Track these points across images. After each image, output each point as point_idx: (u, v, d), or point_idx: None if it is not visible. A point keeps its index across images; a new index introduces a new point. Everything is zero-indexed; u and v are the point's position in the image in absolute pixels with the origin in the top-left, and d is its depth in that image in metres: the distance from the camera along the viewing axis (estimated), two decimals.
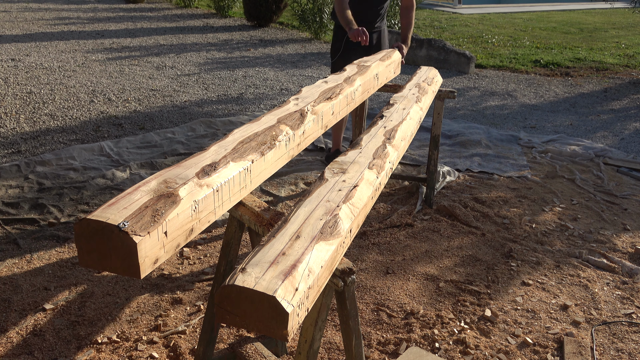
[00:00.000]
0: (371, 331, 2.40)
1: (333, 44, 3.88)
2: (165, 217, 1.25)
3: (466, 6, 15.60)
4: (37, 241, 2.96)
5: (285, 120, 1.96)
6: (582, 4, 17.77)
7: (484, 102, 6.26)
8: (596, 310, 2.62)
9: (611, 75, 7.86)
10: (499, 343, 2.37)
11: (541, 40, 10.32)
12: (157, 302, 2.52)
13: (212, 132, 4.73)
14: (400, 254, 3.02)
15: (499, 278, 2.83)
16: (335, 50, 3.86)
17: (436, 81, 3.23)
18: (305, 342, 1.52)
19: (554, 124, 5.55)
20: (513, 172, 4.22)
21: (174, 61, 7.34)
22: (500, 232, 3.30)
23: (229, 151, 1.65)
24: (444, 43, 7.88)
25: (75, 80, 6.10)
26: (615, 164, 4.47)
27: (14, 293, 2.53)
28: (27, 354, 2.16)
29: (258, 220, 1.69)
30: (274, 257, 1.22)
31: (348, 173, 1.74)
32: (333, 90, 2.39)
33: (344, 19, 3.45)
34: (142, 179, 2.47)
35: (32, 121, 4.78)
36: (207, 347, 2.00)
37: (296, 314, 1.12)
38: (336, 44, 3.83)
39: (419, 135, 4.86)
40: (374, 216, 3.45)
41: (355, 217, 1.53)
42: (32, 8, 10.91)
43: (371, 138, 2.08)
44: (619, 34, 11.76)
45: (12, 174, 3.71)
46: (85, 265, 1.22)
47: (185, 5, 12.44)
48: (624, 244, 3.24)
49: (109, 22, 9.87)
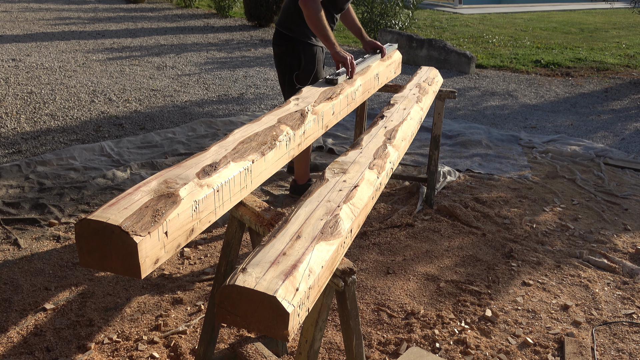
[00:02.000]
0: (372, 331, 2.40)
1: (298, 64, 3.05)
2: (166, 217, 1.25)
3: (467, 6, 15.60)
4: (37, 241, 2.96)
5: (286, 120, 1.96)
6: (582, 4, 17.77)
7: (485, 102, 6.26)
8: (597, 311, 2.62)
9: (612, 75, 7.86)
10: (499, 343, 2.36)
11: (542, 41, 10.31)
12: (158, 302, 2.52)
13: (213, 132, 4.73)
14: (401, 254, 3.02)
15: (500, 278, 2.83)
16: (307, 72, 3.06)
17: (437, 81, 3.23)
18: (305, 342, 1.52)
19: (554, 124, 5.55)
20: (513, 172, 4.22)
21: (175, 61, 7.34)
22: (500, 232, 3.30)
23: (229, 151, 1.65)
24: (445, 43, 7.88)
25: (75, 80, 6.10)
26: (615, 164, 4.47)
27: (15, 293, 2.53)
28: (27, 353, 2.16)
29: (259, 220, 1.68)
30: (274, 257, 1.22)
31: (349, 173, 1.74)
32: (333, 90, 2.40)
33: (328, 31, 2.76)
34: (143, 179, 2.47)
35: (33, 121, 4.78)
36: (207, 347, 2.00)
37: (297, 314, 1.12)
38: (308, 65, 3.06)
39: (419, 135, 4.86)
40: (374, 216, 3.45)
41: (356, 217, 1.53)
42: (33, 8, 10.92)
43: (372, 138, 2.08)
44: (619, 34, 11.76)
45: (12, 173, 3.71)
46: (86, 265, 1.22)
47: (185, 5, 12.44)
48: (625, 244, 3.24)
49: (110, 22, 9.87)
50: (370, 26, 8.63)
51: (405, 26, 8.83)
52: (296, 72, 3.06)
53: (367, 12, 8.60)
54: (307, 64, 3.05)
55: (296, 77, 3.08)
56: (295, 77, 3.08)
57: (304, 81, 3.08)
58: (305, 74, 3.06)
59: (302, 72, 3.05)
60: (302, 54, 3.03)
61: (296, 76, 3.07)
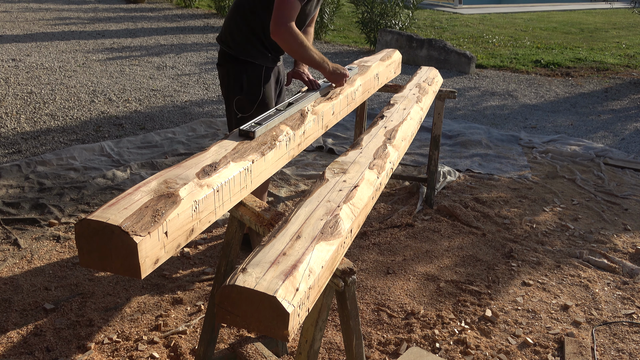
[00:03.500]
0: (372, 331, 2.40)
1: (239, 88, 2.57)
2: (166, 218, 1.25)
3: (467, 6, 15.60)
4: (37, 241, 2.96)
5: (286, 120, 1.96)
6: (582, 4, 17.77)
7: (485, 102, 6.26)
8: (597, 311, 2.62)
9: (612, 75, 7.86)
10: (499, 343, 2.36)
11: (542, 41, 10.31)
12: (158, 302, 2.52)
13: (213, 132, 4.73)
14: (401, 254, 3.01)
15: (500, 278, 2.83)
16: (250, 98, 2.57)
17: (437, 81, 3.23)
18: (305, 342, 1.52)
19: (554, 124, 5.55)
20: (513, 172, 4.22)
21: (175, 61, 7.34)
22: (500, 232, 3.30)
23: (229, 151, 1.65)
24: (445, 43, 7.88)
25: (75, 80, 6.10)
26: (615, 164, 4.47)
27: (15, 293, 2.53)
28: (27, 353, 2.16)
29: (258, 221, 1.68)
30: (274, 257, 1.22)
31: (349, 173, 1.74)
32: (333, 91, 2.40)
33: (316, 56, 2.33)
34: (143, 179, 2.46)
35: (33, 121, 4.78)
36: (207, 347, 2.00)
37: (297, 314, 1.12)
38: (252, 89, 2.57)
39: (419, 135, 4.86)
40: (374, 216, 3.45)
41: (356, 217, 1.52)
42: (33, 8, 10.91)
43: (372, 138, 2.08)
44: (619, 34, 11.76)
45: (12, 173, 3.71)
46: (86, 266, 1.22)
47: (185, 5, 12.44)
48: (625, 244, 3.24)
49: (110, 22, 9.87)
50: (370, 26, 8.63)
51: (405, 26, 8.82)
52: (237, 96, 2.58)
53: (367, 12, 8.59)
54: (249, 88, 2.56)
55: (236, 103, 2.59)
56: (236, 104, 2.59)
57: (246, 108, 2.58)
58: (248, 101, 2.57)
59: (244, 98, 2.57)
60: (243, 76, 2.56)
61: (237, 102, 2.59)
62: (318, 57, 2.33)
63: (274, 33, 2.25)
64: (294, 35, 2.26)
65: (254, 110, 2.56)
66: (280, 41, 2.27)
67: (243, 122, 2.50)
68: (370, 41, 8.79)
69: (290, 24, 2.24)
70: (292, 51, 2.31)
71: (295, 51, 2.30)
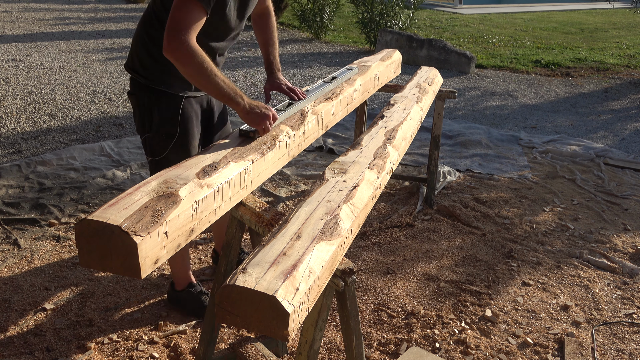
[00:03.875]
0: (372, 331, 2.40)
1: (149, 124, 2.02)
2: (166, 218, 1.25)
3: (467, 6, 15.60)
4: (37, 241, 2.96)
5: (286, 120, 1.96)
6: (582, 4, 17.77)
7: (485, 102, 6.26)
8: (597, 311, 2.62)
9: (612, 75, 7.86)
10: (499, 343, 2.36)
11: (542, 41, 10.31)
12: (158, 302, 2.52)
13: None
14: (401, 254, 3.01)
15: (500, 278, 2.83)
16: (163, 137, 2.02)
17: (437, 81, 3.23)
18: (305, 342, 1.52)
19: (554, 124, 5.55)
20: (513, 172, 4.22)
21: None
22: (500, 232, 3.30)
23: (229, 151, 1.65)
24: (445, 43, 7.88)
25: (75, 80, 6.10)
26: (615, 164, 4.47)
27: (15, 293, 2.53)
28: (27, 353, 2.16)
29: (259, 221, 1.69)
30: (274, 257, 1.22)
31: (348, 173, 1.74)
32: (333, 91, 2.40)
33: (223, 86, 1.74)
34: (143, 179, 2.46)
35: (33, 121, 4.78)
36: (207, 347, 2.00)
37: (297, 314, 1.12)
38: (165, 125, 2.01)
39: (419, 135, 4.86)
40: (374, 216, 3.45)
41: (356, 217, 1.53)
42: (33, 8, 10.91)
43: (372, 138, 2.09)
44: (619, 34, 11.76)
45: (12, 173, 3.71)
46: (86, 265, 1.22)
47: None
48: (625, 244, 3.24)
49: (110, 22, 9.87)
50: (370, 26, 8.63)
51: (405, 26, 8.82)
52: (146, 134, 2.04)
53: (367, 12, 8.59)
54: (162, 123, 2.01)
55: (145, 141, 2.06)
56: (145, 142, 2.06)
57: (157, 150, 2.04)
58: (160, 140, 2.03)
59: (155, 135, 2.03)
60: (154, 109, 2.01)
61: (145, 140, 2.06)
62: (228, 89, 1.74)
63: (165, 48, 1.68)
64: (190, 53, 1.66)
65: (168, 152, 2.02)
66: (173, 60, 1.69)
67: (158, 166, 1.99)
68: (370, 41, 8.79)
69: (185, 37, 1.66)
70: (187, 75, 1.72)
71: (191, 75, 1.71)
